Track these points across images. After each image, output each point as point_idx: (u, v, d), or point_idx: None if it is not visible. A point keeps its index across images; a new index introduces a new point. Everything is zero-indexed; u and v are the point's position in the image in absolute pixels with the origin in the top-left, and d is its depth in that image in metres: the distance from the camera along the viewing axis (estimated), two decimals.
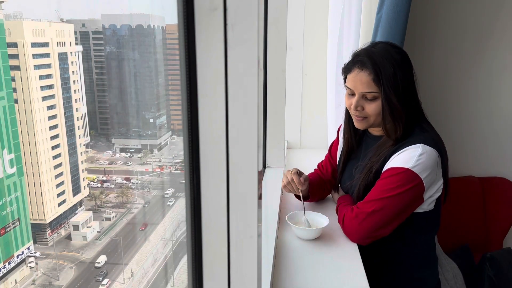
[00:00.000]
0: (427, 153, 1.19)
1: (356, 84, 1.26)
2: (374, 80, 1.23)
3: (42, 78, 17.11)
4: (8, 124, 15.31)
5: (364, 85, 1.24)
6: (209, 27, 0.58)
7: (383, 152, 1.28)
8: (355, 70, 1.27)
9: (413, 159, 1.18)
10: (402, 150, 1.23)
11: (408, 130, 1.27)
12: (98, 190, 18.93)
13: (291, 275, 1.13)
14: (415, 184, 1.18)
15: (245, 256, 0.67)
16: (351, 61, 1.30)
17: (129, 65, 19.44)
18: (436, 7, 2.04)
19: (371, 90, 1.24)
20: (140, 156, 19.83)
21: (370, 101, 1.26)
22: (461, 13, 2.05)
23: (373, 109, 1.25)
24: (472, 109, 2.16)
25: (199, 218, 0.66)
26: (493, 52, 2.09)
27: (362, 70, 1.25)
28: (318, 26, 2.18)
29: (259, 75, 0.60)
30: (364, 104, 1.27)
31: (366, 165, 1.33)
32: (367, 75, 1.23)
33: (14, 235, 15.30)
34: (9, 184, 15.26)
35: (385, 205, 1.19)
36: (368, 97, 1.25)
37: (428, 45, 2.09)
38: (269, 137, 1.84)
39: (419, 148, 1.20)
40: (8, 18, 16.68)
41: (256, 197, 0.65)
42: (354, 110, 1.28)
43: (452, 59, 2.10)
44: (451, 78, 2.12)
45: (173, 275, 15.41)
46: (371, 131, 1.39)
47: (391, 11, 1.51)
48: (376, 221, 1.20)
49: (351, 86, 1.28)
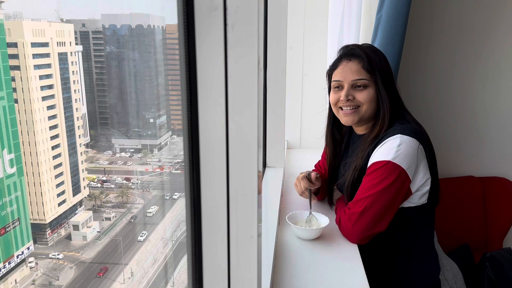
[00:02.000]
0: (405, 143, 1.20)
1: (346, 74, 1.28)
2: (364, 68, 1.26)
3: (42, 78, 17.11)
4: (8, 124, 15.31)
5: (354, 73, 1.27)
6: (209, 27, 0.58)
7: (365, 148, 1.30)
8: (342, 62, 1.31)
9: (393, 150, 1.19)
10: (381, 143, 1.24)
11: (390, 124, 1.28)
12: (98, 190, 18.94)
13: (291, 275, 1.13)
14: (397, 174, 1.19)
15: (245, 256, 0.67)
16: (337, 57, 1.34)
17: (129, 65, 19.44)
18: (436, 7, 2.04)
19: (362, 77, 1.27)
20: (140, 156, 19.83)
21: (360, 89, 1.28)
22: (461, 13, 2.05)
23: (365, 96, 1.27)
24: (472, 109, 2.16)
25: (199, 218, 0.66)
26: (494, 52, 2.09)
27: (351, 61, 1.29)
28: (318, 26, 2.18)
29: (259, 75, 0.60)
30: (355, 93, 1.29)
31: (351, 163, 1.34)
32: (357, 63, 1.28)
33: (14, 235, 15.30)
34: (9, 184, 15.26)
35: (373, 201, 1.20)
36: (359, 84, 1.28)
37: (428, 45, 2.09)
38: (269, 137, 1.84)
39: (397, 139, 1.21)
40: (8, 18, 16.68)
41: (256, 197, 0.65)
42: (345, 102, 1.29)
43: (452, 59, 2.10)
44: (451, 78, 2.13)
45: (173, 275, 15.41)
46: (357, 130, 1.41)
47: (391, 11, 1.51)
48: (368, 220, 1.21)
49: (340, 78, 1.30)
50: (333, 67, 1.34)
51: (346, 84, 1.29)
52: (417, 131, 1.24)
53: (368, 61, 1.26)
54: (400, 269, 1.35)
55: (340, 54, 1.34)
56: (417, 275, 1.36)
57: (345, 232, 1.28)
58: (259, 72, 0.60)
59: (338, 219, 1.32)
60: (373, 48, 1.33)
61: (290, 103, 2.22)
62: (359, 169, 1.29)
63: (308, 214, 1.38)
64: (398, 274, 1.36)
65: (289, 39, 1.86)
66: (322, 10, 2.14)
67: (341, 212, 1.30)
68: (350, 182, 1.31)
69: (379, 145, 1.25)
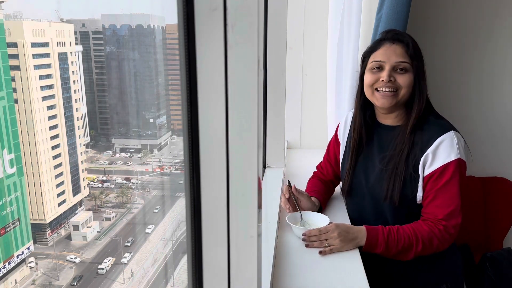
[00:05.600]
0: (459, 138, 1.27)
1: (390, 55, 1.28)
2: (407, 52, 1.27)
3: (42, 78, 17.11)
4: (8, 124, 15.31)
5: (398, 55, 1.27)
6: (209, 27, 0.58)
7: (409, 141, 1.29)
8: (385, 44, 1.30)
9: (455, 148, 1.24)
10: (435, 142, 1.25)
11: (423, 116, 1.30)
12: (98, 190, 18.94)
13: (291, 275, 1.13)
14: (464, 168, 1.27)
15: (245, 256, 0.67)
16: (377, 40, 1.34)
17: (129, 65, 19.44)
18: (436, 7, 2.04)
19: (405, 60, 1.27)
20: (140, 156, 19.83)
21: (401, 73, 1.28)
22: (461, 13, 2.05)
23: (405, 80, 1.27)
24: (472, 109, 2.16)
25: (199, 218, 0.66)
26: (494, 52, 2.09)
27: (394, 43, 1.29)
28: (318, 26, 2.18)
29: (259, 75, 0.60)
30: (396, 75, 1.28)
31: (394, 155, 1.31)
32: (401, 47, 1.28)
33: (14, 235, 15.30)
34: (9, 184, 15.26)
35: (458, 200, 1.23)
36: (400, 67, 1.27)
37: (428, 45, 2.08)
38: (269, 137, 1.84)
39: (451, 134, 1.26)
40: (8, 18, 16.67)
41: (256, 197, 0.65)
42: (386, 83, 1.27)
43: (452, 59, 2.10)
44: (451, 78, 2.12)
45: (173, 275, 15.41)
46: (384, 121, 1.38)
47: (391, 11, 1.51)
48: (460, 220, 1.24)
49: (383, 58, 1.29)
50: (372, 49, 1.33)
51: (388, 65, 1.27)
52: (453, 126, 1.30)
53: (413, 47, 1.28)
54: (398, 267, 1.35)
55: (382, 37, 1.34)
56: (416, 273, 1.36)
57: (443, 246, 1.25)
58: (259, 72, 0.60)
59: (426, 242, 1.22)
60: (412, 38, 1.33)
61: (290, 103, 2.22)
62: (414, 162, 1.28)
63: (300, 219, 1.37)
64: (396, 272, 1.36)
65: (289, 39, 1.85)
66: (322, 10, 2.13)
67: (432, 235, 1.22)
68: (400, 176, 1.28)
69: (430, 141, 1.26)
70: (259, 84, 0.61)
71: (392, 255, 1.24)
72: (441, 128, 1.27)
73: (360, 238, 1.23)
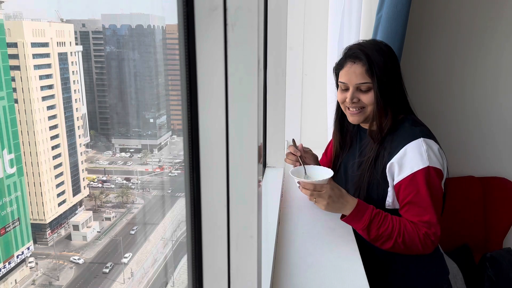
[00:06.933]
0: (429, 145, 1.23)
1: (351, 77, 1.29)
2: (367, 71, 1.26)
3: (42, 78, 17.13)
4: (8, 124, 15.32)
5: (358, 76, 1.28)
6: (209, 27, 0.58)
7: (378, 147, 1.30)
8: (347, 64, 1.31)
9: (424, 155, 1.21)
10: (403, 148, 1.24)
11: (398, 121, 1.30)
12: (98, 190, 18.96)
13: (291, 275, 1.13)
14: (439, 175, 1.25)
15: (245, 256, 0.67)
16: (343, 57, 1.34)
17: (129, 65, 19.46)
18: (436, 7, 2.04)
19: (365, 81, 1.27)
20: (140, 156, 19.85)
21: (364, 92, 1.29)
22: (461, 13, 2.05)
23: (369, 99, 1.28)
24: (472, 109, 2.16)
25: (199, 218, 0.66)
26: (494, 52, 2.09)
27: (355, 63, 1.29)
28: (318, 26, 2.18)
29: (259, 75, 0.60)
30: (359, 95, 1.30)
31: (363, 161, 1.33)
32: (360, 66, 1.27)
33: (14, 235, 15.31)
34: (9, 184, 15.27)
35: (431, 211, 1.22)
36: (363, 88, 1.28)
37: (428, 45, 2.09)
38: (269, 137, 1.84)
39: (421, 142, 1.23)
40: (8, 18, 16.69)
41: (256, 197, 0.65)
42: (350, 103, 1.30)
43: (452, 59, 2.10)
44: (451, 78, 2.12)
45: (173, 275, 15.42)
46: (364, 126, 1.40)
47: (391, 11, 1.51)
48: (439, 231, 1.23)
49: (345, 80, 1.31)
50: (339, 67, 1.34)
51: (351, 87, 1.30)
52: (429, 132, 1.28)
53: (369, 65, 1.26)
54: (397, 267, 1.35)
55: (344, 54, 1.34)
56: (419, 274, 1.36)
57: (425, 250, 1.24)
58: (259, 72, 0.60)
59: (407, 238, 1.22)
60: (377, 47, 1.30)
61: (290, 103, 2.22)
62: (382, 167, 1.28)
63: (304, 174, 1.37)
64: (400, 273, 1.36)
65: (289, 39, 1.85)
66: (322, 10, 2.14)
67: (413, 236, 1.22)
68: (366, 181, 1.30)
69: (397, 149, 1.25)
70: (259, 84, 0.61)
71: (371, 239, 1.23)
72: (410, 135, 1.25)
73: (347, 208, 1.23)
